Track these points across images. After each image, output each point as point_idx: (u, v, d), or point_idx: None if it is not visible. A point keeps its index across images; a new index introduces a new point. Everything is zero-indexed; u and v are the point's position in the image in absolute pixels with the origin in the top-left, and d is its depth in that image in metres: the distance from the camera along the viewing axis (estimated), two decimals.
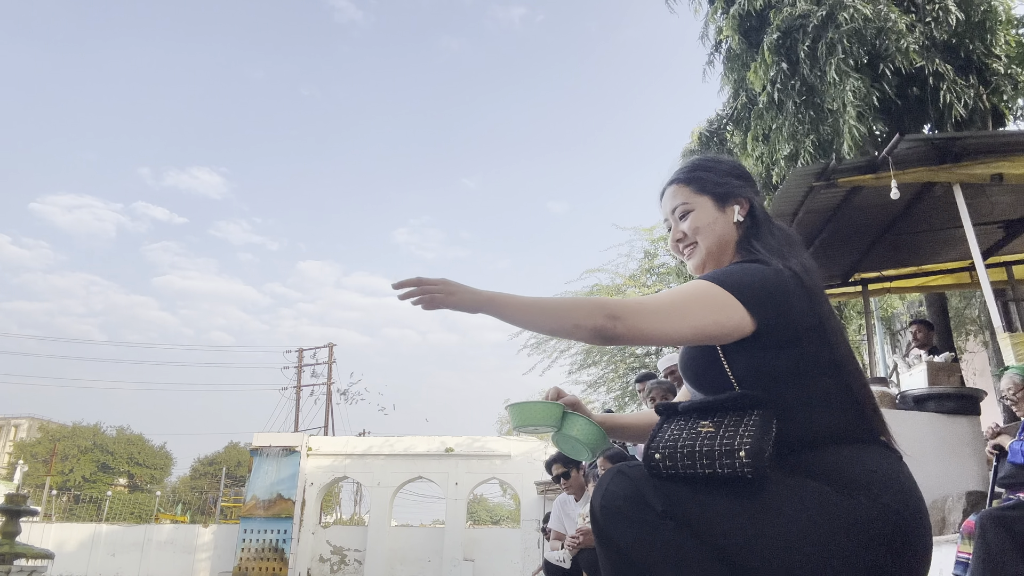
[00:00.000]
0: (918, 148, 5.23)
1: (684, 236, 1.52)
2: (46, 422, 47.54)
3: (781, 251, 1.42)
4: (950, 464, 4.86)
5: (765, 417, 1.22)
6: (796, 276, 1.34)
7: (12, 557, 9.54)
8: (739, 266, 1.38)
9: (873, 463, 1.24)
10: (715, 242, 1.49)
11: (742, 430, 1.20)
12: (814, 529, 1.15)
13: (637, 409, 16.84)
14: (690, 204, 1.51)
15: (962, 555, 3.19)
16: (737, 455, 1.16)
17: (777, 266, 1.35)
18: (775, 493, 1.19)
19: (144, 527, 21.10)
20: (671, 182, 1.56)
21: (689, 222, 1.50)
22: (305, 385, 28.40)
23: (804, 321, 1.30)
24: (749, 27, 8.48)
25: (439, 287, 1.34)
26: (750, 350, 1.30)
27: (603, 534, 1.26)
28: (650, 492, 1.22)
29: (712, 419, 1.25)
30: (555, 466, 4.77)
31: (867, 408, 1.31)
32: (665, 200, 1.57)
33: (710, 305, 1.28)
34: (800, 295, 1.31)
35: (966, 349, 12.37)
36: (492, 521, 46.36)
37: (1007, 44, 7.74)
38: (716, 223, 1.49)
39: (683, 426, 1.27)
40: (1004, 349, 4.86)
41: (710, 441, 1.20)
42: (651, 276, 17.02)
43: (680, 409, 1.31)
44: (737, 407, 1.25)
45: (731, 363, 1.32)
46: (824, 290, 1.39)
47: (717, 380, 1.34)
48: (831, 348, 1.31)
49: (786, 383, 1.28)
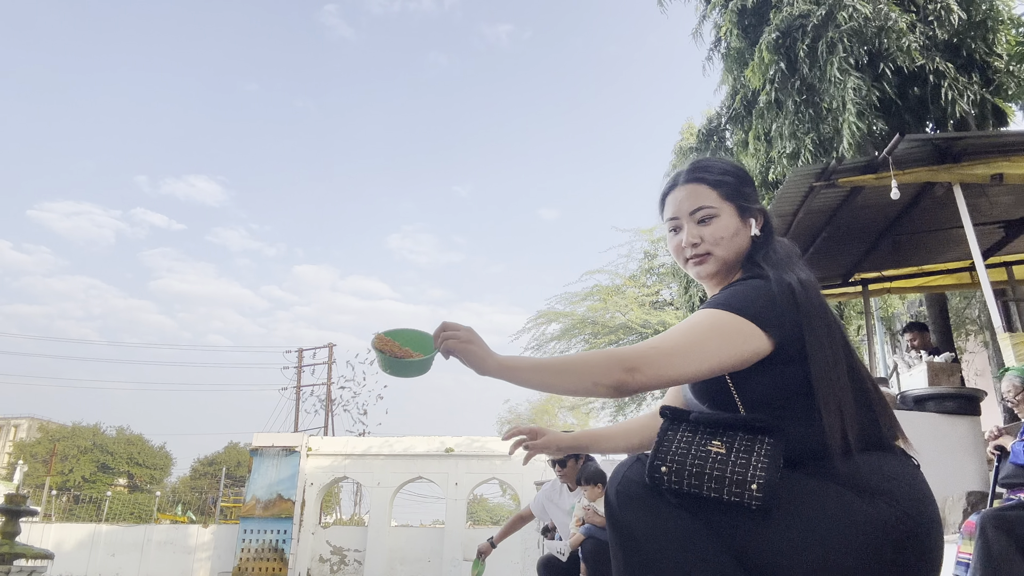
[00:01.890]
0: (918, 148, 5.22)
1: (700, 242, 1.40)
2: (46, 422, 47.53)
3: (781, 265, 1.36)
4: (950, 464, 4.85)
5: (776, 447, 1.19)
6: (797, 288, 1.30)
7: (12, 557, 9.53)
8: (741, 285, 1.33)
9: (892, 470, 1.23)
10: (732, 255, 1.41)
11: (754, 459, 1.17)
12: (833, 531, 1.14)
13: (637, 410, 16.85)
14: (716, 209, 1.40)
15: (963, 555, 3.19)
16: (749, 487, 1.14)
17: (781, 278, 1.31)
18: (795, 494, 1.18)
19: (144, 527, 21.09)
20: (693, 180, 1.43)
21: (712, 229, 1.39)
22: (305, 385, 28.43)
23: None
24: (748, 24, 8.47)
25: (460, 335, 1.29)
26: (762, 368, 1.27)
27: (617, 521, 1.25)
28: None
29: (723, 438, 1.22)
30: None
31: (883, 414, 1.30)
32: (682, 198, 1.43)
33: (727, 336, 1.22)
34: (794, 307, 1.28)
35: (966, 349, 12.36)
36: (492, 521, 46.34)
37: (1008, 43, 7.73)
38: (738, 235, 1.40)
39: (691, 440, 1.23)
40: (1004, 349, 4.85)
41: (721, 466, 1.17)
42: (651, 276, 17.02)
43: (691, 419, 1.28)
44: (748, 429, 1.23)
45: (737, 382, 1.29)
46: (825, 301, 1.34)
47: (720, 396, 1.32)
48: (845, 356, 1.29)
49: (800, 395, 1.26)
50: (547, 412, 33.59)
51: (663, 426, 1.29)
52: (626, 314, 16.34)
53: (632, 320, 15.94)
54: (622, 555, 1.24)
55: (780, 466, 1.18)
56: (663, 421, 1.31)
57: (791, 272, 1.33)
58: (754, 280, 1.33)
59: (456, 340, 1.28)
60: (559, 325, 17.29)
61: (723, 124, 10.38)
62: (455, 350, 1.28)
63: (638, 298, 16.84)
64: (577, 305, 17.42)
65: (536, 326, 17.42)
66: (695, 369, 1.20)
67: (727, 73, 9.13)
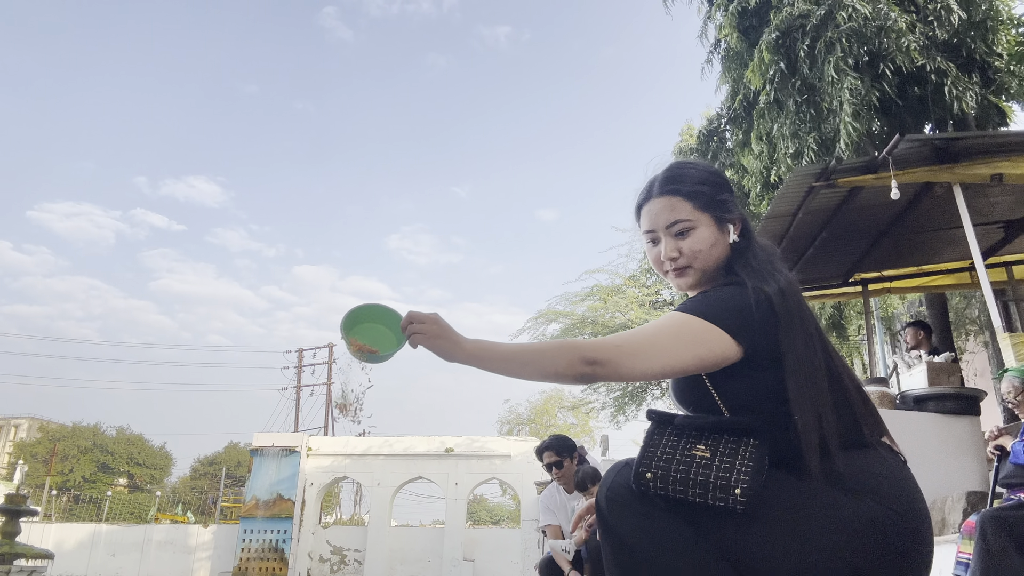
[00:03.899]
0: (918, 148, 5.22)
1: (679, 255, 1.40)
2: (46, 422, 47.52)
3: (762, 272, 1.35)
4: (950, 464, 4.85)
5: (760, 449, 1.20)
6: (774, 296, 1.30)
7: (12, 557, 9.54)
8: (716, 292, 1.34)
9: (878, 467, 1.23)
10: (712, 265, 1.41)
11: (738, 463, 1.18)
12: (821, 530, 1.15)
13: (638, 410, 16.85)
14: (693, 222, 1.39)
15: (962, 555, 3.19)
16: (732, 492, 1.15)
17: (758, 287, 1.31)
18: (781, 495, 1.19)
19: (144, 527, 21.09)
20: (667, 193, 1.42)
21: (690, 242, 1.39)
22: (305, 385, 28.44)
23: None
24: (748, 25, 8.48)
25: (425, 325, 1.30)
26: (740, 373, 1.28)
27: (607, 525, 1.26)
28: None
29: (707, 442, 1.23)
30: (547, 453, 4.48)
31: (865, 414, 1.30)
32: (657, 212, 1.42)
33: (689, 339, 1.24)
34: (771, 315, 1.28)
35: (966, 349, 12.36)
36: (492, 521, 46.34)
37: (1008, 43, 7.73)
38: (716, 245, 1.40)
39: (676, 444, 1.24)
40: (1004, 349, 4.85)
41: (705, 471, 1.18)
42: (651, 276, 17.01)
43: (676, 423, 1.29)
44: (733, 431, 1.23)
45: (717, 385, 1.30)
46: (804, 304, 1.34)
47: (703, 400, 1.33)
48: (824, 358, 1.29)
49: (781, 399, 1.26)
50: (547, 412, 33.59)
51: (649, 430, 1.30)
52: (626, 314, 16.34)
53: (632, 320, 15.94)
54: (614, 560, 1.25)
55: (765, 468, 1.18)
56: (649, 425, 1.32)
57: (770, 279, 1.33)
58: (730, 287, 1.34)
59: (423, 335, 1.29)
60: (559, 325, 17.30)
61: (723, 125, 10.39)
62: (423, 343, 1.30)
63: (638, 298, 16.85)
64: (577, 305, 17.43)
65: (536, 326, 17.43)
66: (654, 368, 1.23)
67: (727, 74, 9.14)
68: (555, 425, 32.79)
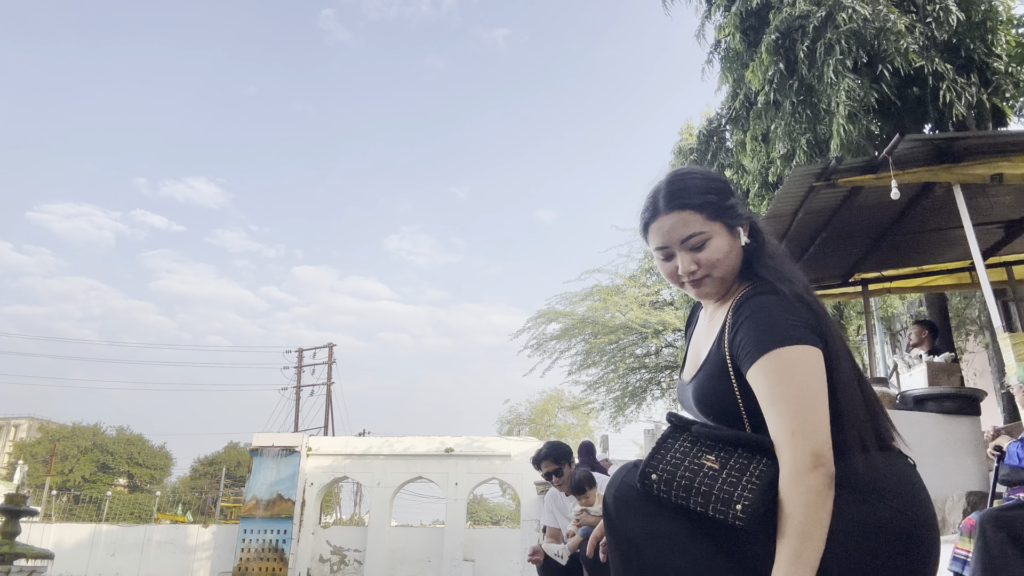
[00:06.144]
0: (918, 148, 5.22)
1: (697, 268, 1.38)
2: (46, 422, 47.49)
3: (781, 272, 1.35)
4: (950, 464, 4.86)
5: (771, 468, 1.18)
6: (807, 297, 1.31)
7: (12, 557, 9.54)
8: (780, 311, 1.28)
9: (886, 468, 1.23)
10: (730, 272, 1.39)
11: (745, 479, 1.17)
12: (830, 533, 1.14)
13: (637, 410, 16.84)
14: (707, 233, 1.37)
15: (959, 551, 3.19)
16: (733, 507, 1.14)
17: (793, 291, 1.31)
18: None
19: (144, 527, 21.08)
20: (676, 208, 1.38)
21: (706, 253, 1.37)
22: (305, 385, 28.43)
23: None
24: (749, 26, 8.48)
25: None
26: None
27: (614, 526, 1.26)
28: None
29: (719, 454, 1.22)
30: (545, 463, 4.54)
31: (880, 414, 1.30)
32: (669, 228, 1.38)
33: (814, 368, 1.21)
34: (813, 316, 1.29)
35: (966, 349, 12.36)
36: (492, 521, 46.31)
37: (1008, 43, 7.73)
38: (731, 252, 1.38)
39: (688, 451, 1.24)
40: (1004, 349, 4.85)
41: (710, 482, 1.17)
42: (651, 276, 17.01)
43: (693, 430, 1.28)
44: (748, 447, 1.23)
45: (746, 398, 1.29)
46: (822, 304, 1.35)
47: (729, 412, 1.32)
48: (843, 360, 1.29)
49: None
50: (547, 412, 33.59)
51: (664, 433, 1.30)
52: (626, 314, 16.34)
53: (632, 320, 15.94)
54: (621, 560, 1.25)
55: (772, 488, 1.17)
56: (666, 427, 1.32)
57: (794, 280, 1.33)
58: (767, 297, 1.31)
59: None
60: (559, 325, 17.31)
61: (723, 125, 10.39)
62: None
63: (638, 298, 16.84)
64: (577, 305, 17.44)
65: (536, 325, 17.44)
66: (827, 411, 1.18)
67: (727, 74, 9.13)
68: (555, 425, 32.79)
